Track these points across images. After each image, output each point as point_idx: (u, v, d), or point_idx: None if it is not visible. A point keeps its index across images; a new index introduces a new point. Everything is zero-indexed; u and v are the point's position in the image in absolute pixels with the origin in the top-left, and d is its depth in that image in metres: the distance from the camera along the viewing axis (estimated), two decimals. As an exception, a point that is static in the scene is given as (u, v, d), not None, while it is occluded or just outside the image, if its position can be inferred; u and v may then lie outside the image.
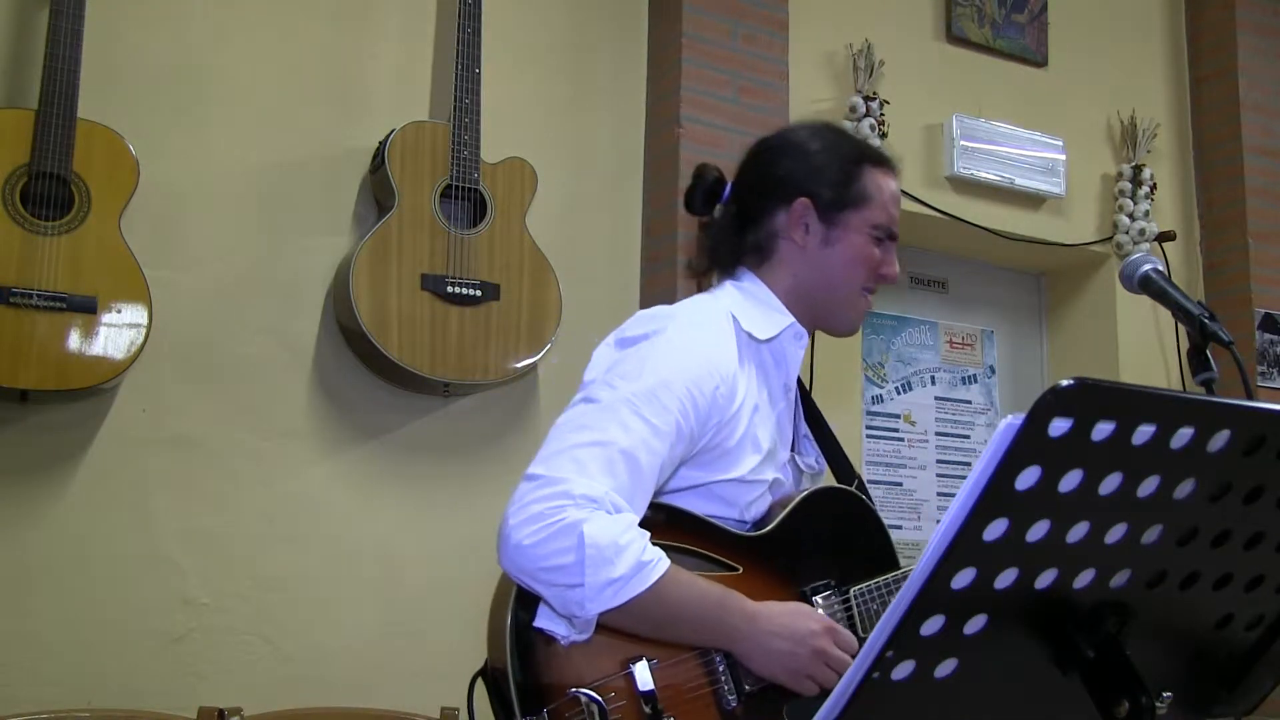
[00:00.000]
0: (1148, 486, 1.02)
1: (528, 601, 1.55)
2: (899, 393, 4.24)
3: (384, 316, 2.86)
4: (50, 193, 2.59)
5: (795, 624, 1.62)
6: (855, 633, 1.71)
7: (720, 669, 1.62)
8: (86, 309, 2.59)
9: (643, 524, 1.59)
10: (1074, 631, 1.09)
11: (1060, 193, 4.16)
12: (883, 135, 3.77)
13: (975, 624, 1.04)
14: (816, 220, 1.80)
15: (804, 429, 1.94)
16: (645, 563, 1.51)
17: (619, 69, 3.54)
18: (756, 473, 1.73)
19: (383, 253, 2.90)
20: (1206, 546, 1.09)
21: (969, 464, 4.16)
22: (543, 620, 1.54)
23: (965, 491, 0.97)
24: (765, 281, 1.83)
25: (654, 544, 1.58)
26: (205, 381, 2.89)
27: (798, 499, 1.78)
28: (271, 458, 2.93)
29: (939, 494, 4.21)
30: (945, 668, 1.05)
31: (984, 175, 4.03)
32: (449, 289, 2.93)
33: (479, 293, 2.95)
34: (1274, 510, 1.09)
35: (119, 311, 2.64)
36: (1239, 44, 4.46)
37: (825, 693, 1.67)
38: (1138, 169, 4.31)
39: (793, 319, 1.81)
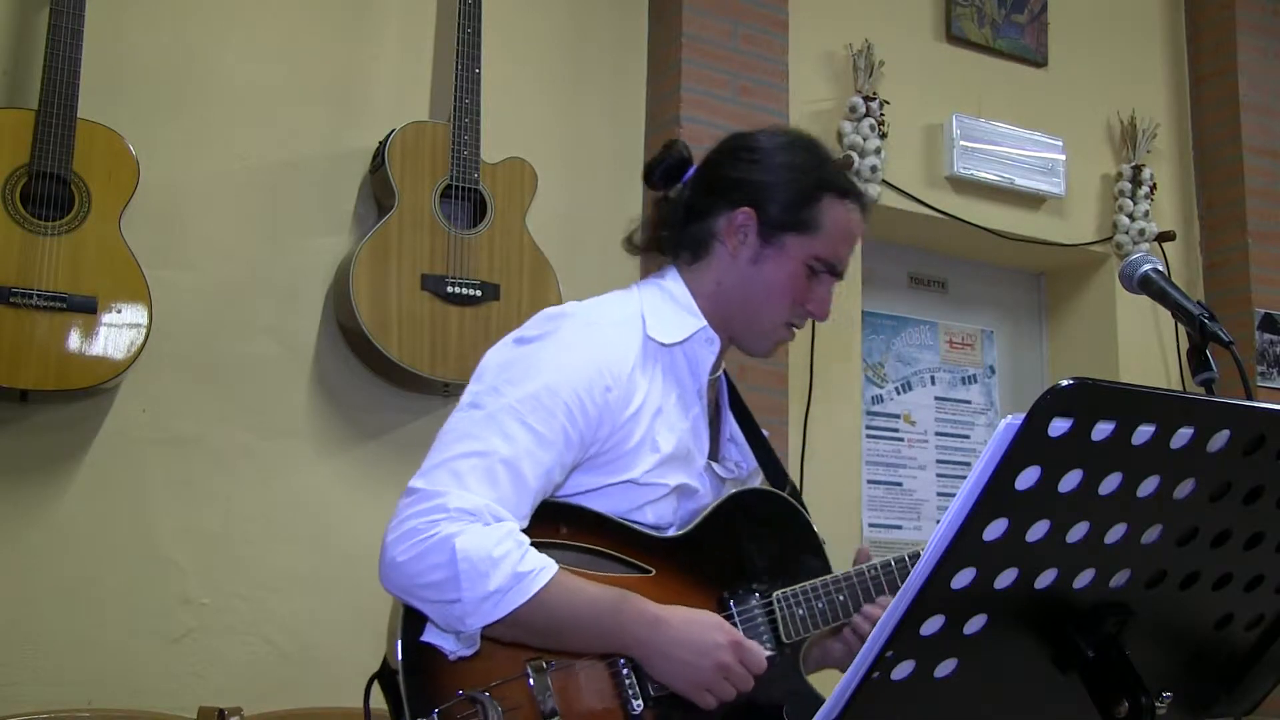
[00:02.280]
0: (1148, 486, 1.02)
1: (415, 616, 1.51)
2: (899, 393, 4.24)
3: (384, 316, 2.86)
4: (50, 193, 2.59)
5: (700, 635, 1.54)
6: (777, 637, 1.66)
7: (624, 672, 1.56)
8: (86, 309, 2.59)
9: (549, 520, 1.54)
10: (1074, 631, 1.09)
11: (1060, 193, 4.16)
12: (883, 135, 3.77)
13: (975, 624, 1.04)
14: (755, 234, 1.71)
15: (730, 432, 1.85)
16: (524, 573, 1.46)
17: (619, 69, 3.54)
18: (654, 475, 1.65)
19: (383, 253, 2.90)
20: (1206, 546, 1.09)
21: (969, 464, 4.15)
22: (429, 636, 1.50)
23: (965, 491, 0.97)
24: (689, 281, 1.75)
25: (560, 543, 1.53)
26: (205, 381, 2.89)
27: (720, 500, 1.71)
28: (271, 458, 2.93)
29: (939, 494, 4.21)
30: (945, 668, 1.05)
31: (984, 175, 4.03)
32: (449, 289, 2.93)
33: (479, 293, 2.95)
34: (1274, 510, 1.09)
35: (119, 311, 2.63)
36: (1239, 44, 4.46)
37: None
38: (1137, 169, 4.31)
39: (704, 323, 1.73)
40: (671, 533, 1.68)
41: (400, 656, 1.50)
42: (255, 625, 2.85)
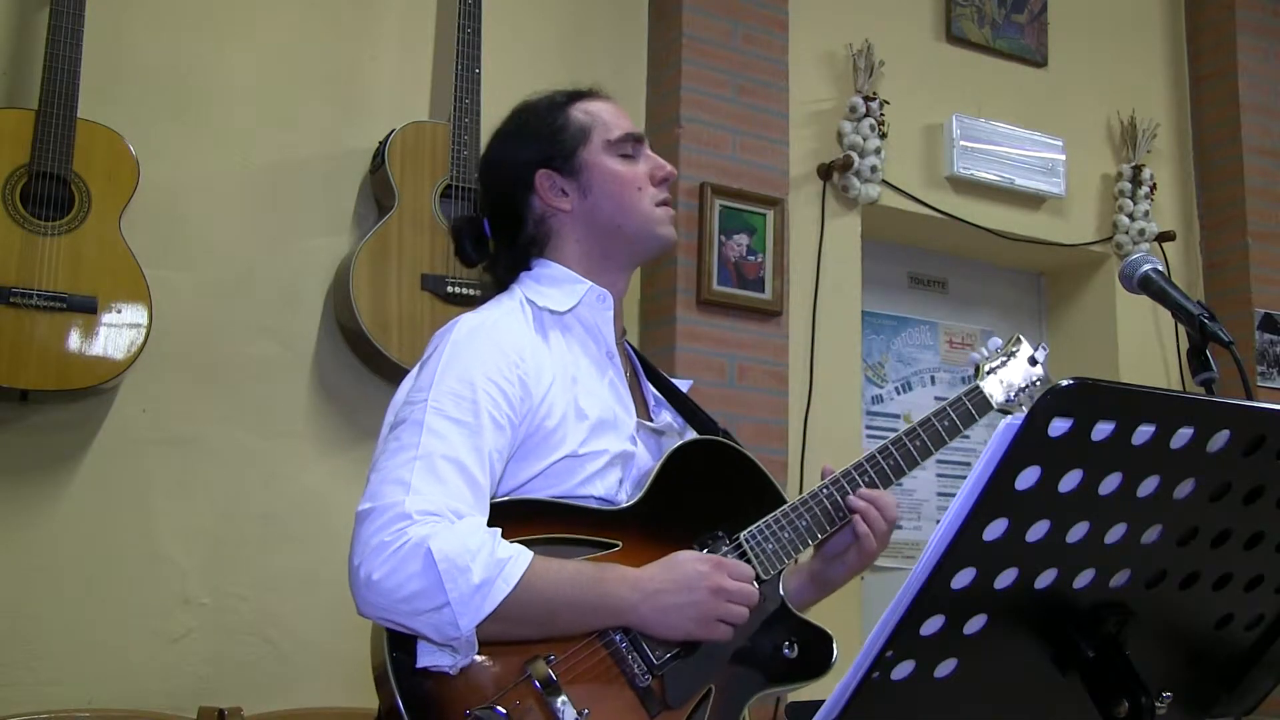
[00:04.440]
0: (1147, 486, 1.02)
1: (402, 642, 1.47)
2: (899, 393, 4.24)
3: (384, 316, 2.86)
4: (50, 193, 2.59)
5: (680, 571, 1.54)
6: (756, 576, 1.64)
7: (624, 647, 1.54)
8: (86, 309, 2.59)
9: (501, 522, 1.52)
10: (1074, 631, 1.09)
11: (1060, 193, 4.16)
12: (883, 135, 3.77)
13: (975, 624, 1.04)
14: (562, 179, 1.76)
15: (651, 393, 1.87)
16: (504, 559, 1.44)
17: (619, 69, 3.54)
18: (590, 444, 1.64)
19: (383, 253, 2.90)
20: (1206, 546, 1.09)
21: (969, 464, 4.15)
22: (425, 659, 1.46)
23: (965, 491, 0.97)
24: (556, 260, 1.78)
25: (519, 540, 1.51)
26: (205, 381, 2.89)
27: (663, 459, 1.70)
28: (271, 458, 2.93)
29: (939, 494, 4.21)
30: (945, 668, 1.05)
31: (984, 175, 4.03)
32: (449, 289, 2.93)
33: (479, 293, 2.92)
34: (1274, 510, 1.09)
35: (119, 311, 2.63)
36: (1239, 44, 4.47)
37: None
38: (1138, 169, 4.31)
39: (589, 284, 1.75)
40: (626, 502, 1.67)
41: (399, 700, 1.45)
42: (255, 625, 2.85)
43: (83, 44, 2.62)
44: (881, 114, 3.78)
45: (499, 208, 1.83)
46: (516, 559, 1.46)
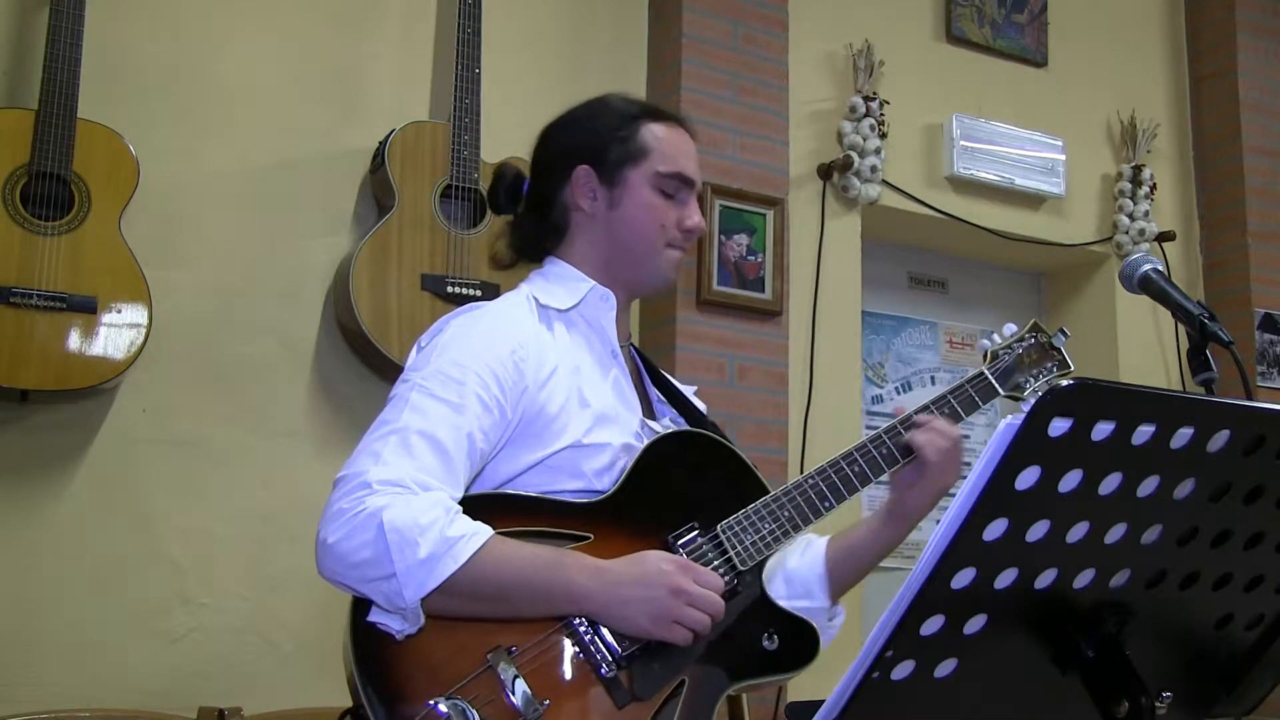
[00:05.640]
0: (1148, 486, 1.02)
1: (362, 605, 1.51)
2: (899, 393, 4.24)
3: (384, 316, 2.86)
4: (50, 193, 2.59)
5: (644, 568, 1.52)
6: (733, 567, 1.63)
7: (587, 637, 1.52)
8: (86, 309, 2.59)
9: (470, 516, 1.51)
10: (1074, 631, 1.09)
11: (1060, 193, 4.16)
12: (883, 135, 3.77)
13: (975, 624, 1.04)
14: (598, 184, 1.77)
15: (655, 395, 1.86)
16: (454, 538, 1.45)
17: (619, 69, 3.54)
18: (595, 435, 1.64)
19: (383, 253, 2.90)
20: (1206, 546, 1.09)
21: (969, 464, 4.15)
22: (375, 615, 1.49)
23: (965, 491, 0.97)
24: (567, 259, 1.79)
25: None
26: (205, 381, 2.89)
27: (640, 451, 1.67)
28: (272, 458, 2.93)
29: (939, 494, 4.20)
30: (945, 668, 1.05)
31: (984, 175, 4.03)
32: (449, 289, 2.93)
33: (479, 292, 2.95)
34: (1274, 510, 1.09)
35: (119, 311, 2.64)
36: (1239, 44, 4.47)
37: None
38: (1137, 169, 4.31)
39: (593, 283, 1.77)
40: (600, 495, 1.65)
41: (354, 661, 1.50)
42: (255, 625, 2.85)
43: (83, 44, 2.62)
44: (881, 114, 3.78)
45: (538, 181, 1.84)
46: (470, 537, 1.46)
